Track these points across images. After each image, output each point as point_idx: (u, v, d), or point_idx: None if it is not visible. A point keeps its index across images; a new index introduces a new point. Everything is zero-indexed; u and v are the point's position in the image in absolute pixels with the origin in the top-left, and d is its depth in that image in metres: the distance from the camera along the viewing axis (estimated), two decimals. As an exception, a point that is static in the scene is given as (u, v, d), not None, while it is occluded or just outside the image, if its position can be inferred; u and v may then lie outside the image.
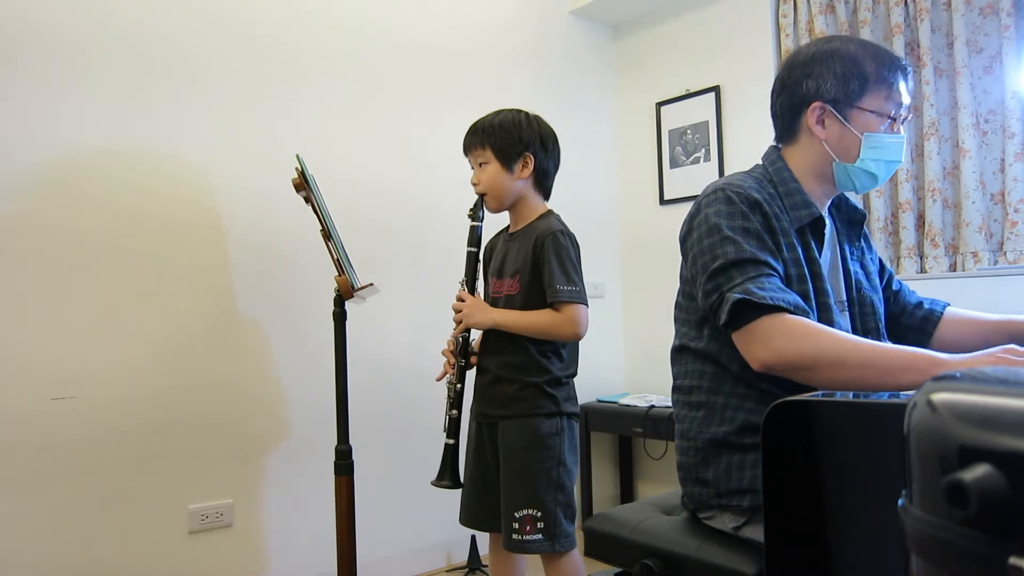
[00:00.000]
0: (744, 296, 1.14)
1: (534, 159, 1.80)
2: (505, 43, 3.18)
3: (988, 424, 0.51)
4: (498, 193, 1.81)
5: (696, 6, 3.29)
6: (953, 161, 2.62)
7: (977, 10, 2.57)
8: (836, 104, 1.29)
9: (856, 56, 1.28)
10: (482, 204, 1.82)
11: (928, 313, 1.48)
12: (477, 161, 1.82)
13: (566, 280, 1.72)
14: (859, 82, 1.27)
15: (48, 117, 2.05)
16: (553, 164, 1.86)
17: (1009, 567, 0.46)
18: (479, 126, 1.81)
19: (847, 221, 1.46)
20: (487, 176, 1.80)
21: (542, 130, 1.83)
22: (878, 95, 1.28)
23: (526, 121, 1.81)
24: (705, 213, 1.26)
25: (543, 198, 1.88)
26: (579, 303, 1.72)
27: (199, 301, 2.28)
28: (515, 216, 1.88)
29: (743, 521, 1.23)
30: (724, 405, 1.27)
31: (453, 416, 1.77)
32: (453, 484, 1.78)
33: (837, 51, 1.29)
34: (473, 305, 1.78)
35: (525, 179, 1.81)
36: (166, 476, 2.19)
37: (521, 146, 1.78)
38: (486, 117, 1.83)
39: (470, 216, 1.82)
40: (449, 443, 1.77)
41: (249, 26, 2.42)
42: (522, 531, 1.68)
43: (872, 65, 1.28)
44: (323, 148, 2.54)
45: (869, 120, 1.28)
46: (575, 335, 1.74)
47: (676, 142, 3.35)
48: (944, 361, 1.05)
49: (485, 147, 1.79)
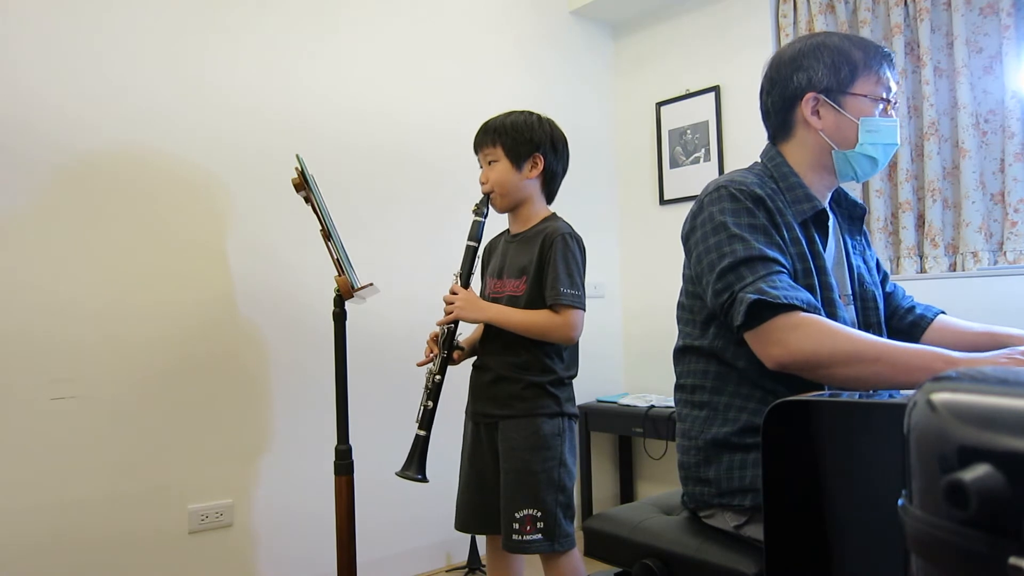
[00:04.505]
0: (759, 296, 1.13)
1: (544, 160, 1.81)
2: (505, 43, 3.18)
3: (988, 424, 0.51)
4: (506, 191, 1.81)
5: (696, 6, 3.29)
6: (953, 161, 2.62)
7: (977, 10, 2.57)
8: (829, 92, 1.30)
9: (842, 46, 1.31)
10: (487, 202, 1.82)
11: (918, 319, 1.48)
12: (487, 159, 1.82)
13: (570, 283, 1.72)
14: (849, 69, 1.29)
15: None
16: (562, 167, 1.87)
17: (1009, 567, 0.46)
18: (491, 124, 1.82)
19: (848, 216, 1.46)
20: (496, 174, 1.80)
21: (553, 132, 1.84)
22: (868, 80, 1.30)
23: (538, 122, 1.82)
24: (709, 211, 1.26)
25: (548, 201, 1.88)
26: (579, 308, 1.72)
27: (199, 301, 2.28)
28: (519, 218, 1.87)
29: (744, 520, 1.23)
30: (727, 406, 1.27)
31: (428, 408, 1.76)
32: (419, 476, 1.75)
33: (823, 43, 1.32)
34: (466, 299, 1.77)
35: (533, 179, 1.82)
36: (166, 476, 2.19)
37: (532, 146, 1.79)
38: (498, 116, 1.83)
39: (475, 212, 1.82)
40: (420, 434, 1.75)
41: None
42: (522, 531, 1.68)
43: (859, 53, 1.30)
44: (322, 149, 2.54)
45: (863, 104, 1.29)
46: (569, 339, 1.74)
47: (676, 142, 3.35)
48: (959, 360, 1.05)
49: (496, 145, 1.79)
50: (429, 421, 1.76)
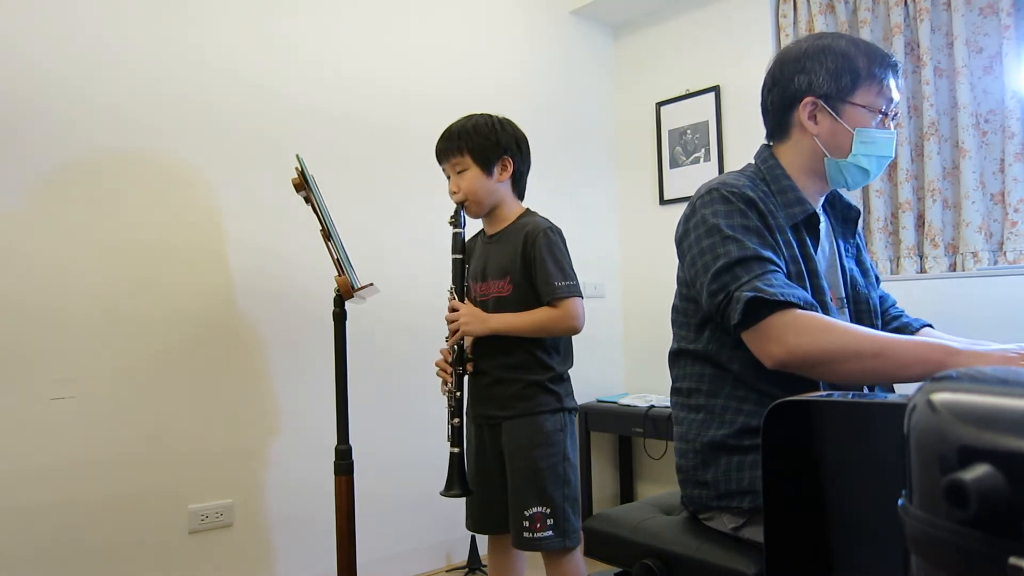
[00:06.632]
0: (755, 294, 1.13)
1: (512, 162, 1.80)
2: (505, 43, 3.18)
3: (988, 424, 0.51)
4: (479, 198, 1.79)
5: (696, 6, 3.29)
6: (953, 161, 2.62)
7: (977, 10, 2.57)
8: (828, 99, 1.29)
9: (848, 52, 1.29)
10: (462, 211, 1.79)
11: (903, 327, 1.47)
12: (455, 168, 1.79)
13: (562, 276, 1.72)
14: (851, 77, 1.28)
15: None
16: (527, 166, 1.87)
17: (1009, 567, 0.46)
18: (454, 130, 1.79)
19: (841, 218, 1.46)
20: (467, 182, 1.77)
21: (516, 133, 1.83)
22: (869, 90, 1.28)
23: (500, 125, 1.81)
24: (702, 214, 1.26)
25: (519, 198, 1.88)
26: (576, 296, 1.73)
27: (199, 301, 2.28)
28: (494, 219, 1.86)
29: (743, 522, 1.23)
30: (724, 408, 1.27)
31: (455, 425, 1.75)
32: (463, 492, 1.75)
33: (829, 47, 1.30)
34: (470, 314, 1.75)
35: (504, 182, 1.81)
36: (166, 476, 2.19)
37: (500, 149, 1.78)
38: (458, 122, 1.81)
39: (451, 223, 1.79)
40: (454, 452, 1.74)
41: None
42: (533, 529, 1.68)
43: (863, 61, 1.28)
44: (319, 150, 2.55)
45: (861, 115, 1.28)
46: (574, 329, 1.74)
47: (676, 142, 3.35)
48: (959, 351, 1.05)
49: (463, 152, 1.77)
50: (460, 437, 1.76)
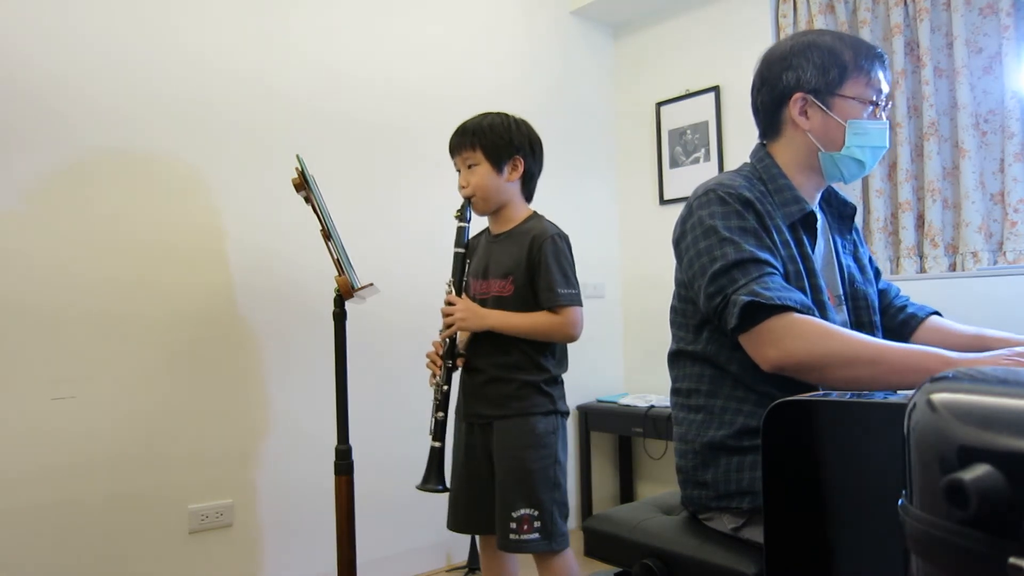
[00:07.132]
0: (752, 298, 1.13)
1: (524, 162, 1.81)
2: (505, 43, 3.18)
3: (988, 424, 0.51)
4: (487, 195, 1.79)
5: (696, 6, 3.29)
6: (953, 161, 2.62)
7: (977, 10, 2.57)
8: (817, 93, 1.29)
9: (833, 46, 1.29)
10: (468, 206, 1.81)
11: (909, 318, 1.48)
12: (466, 163, 1.81)
13: (566, 283, 1.73)
14: (838, 70, 1.28)
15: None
16: (538, 169, 1.87)
17: (1009, 567, 0.46)
18: (469, 127, 1.81)
19: (838, 215, 1.46)
20: (477, 178, 1.79)
21: (531, 134, 1.84)
22: (858, 82, 1.29)
23: (515, 124, 1.81)
24: (699, 215, 1.26)
25: (527, 201, 1.88)
26: (577, 306, 1.74)
27: (200, 301, 2.28)
28: (500, 218, 1.86)
29: (742, 523, 1.23)
30: (723, 409, 1.27)
31: (439, 418, 1.75)
32: (440, 487, 1.75)
33: (814, 42, 1.30)
34: (467, 308, 1.76)
35: (514, 182, 1.81)
36: (166, 476, 2.19)
37: (512, 148, 1.79)
38: (474, 119, 1.82)
39: (457, 217, 1.80)
40: (435, 446, 1.74)
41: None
42: (520, 531, 1.67)
43: (849, 53, 1.29)
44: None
45: (851, 107, 1.29)
46: (571, 337, 1.75)
47: (676, 142, 3.35)
48: (956, 360, 1.05)
49: (476, 148, 1.78)
50: (442, 432, 1.75)
